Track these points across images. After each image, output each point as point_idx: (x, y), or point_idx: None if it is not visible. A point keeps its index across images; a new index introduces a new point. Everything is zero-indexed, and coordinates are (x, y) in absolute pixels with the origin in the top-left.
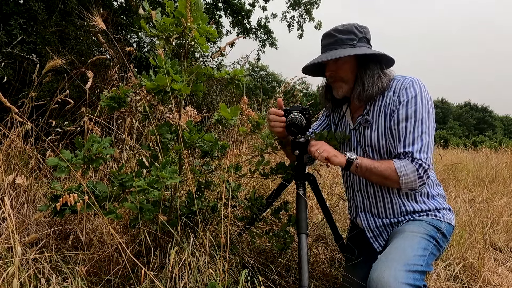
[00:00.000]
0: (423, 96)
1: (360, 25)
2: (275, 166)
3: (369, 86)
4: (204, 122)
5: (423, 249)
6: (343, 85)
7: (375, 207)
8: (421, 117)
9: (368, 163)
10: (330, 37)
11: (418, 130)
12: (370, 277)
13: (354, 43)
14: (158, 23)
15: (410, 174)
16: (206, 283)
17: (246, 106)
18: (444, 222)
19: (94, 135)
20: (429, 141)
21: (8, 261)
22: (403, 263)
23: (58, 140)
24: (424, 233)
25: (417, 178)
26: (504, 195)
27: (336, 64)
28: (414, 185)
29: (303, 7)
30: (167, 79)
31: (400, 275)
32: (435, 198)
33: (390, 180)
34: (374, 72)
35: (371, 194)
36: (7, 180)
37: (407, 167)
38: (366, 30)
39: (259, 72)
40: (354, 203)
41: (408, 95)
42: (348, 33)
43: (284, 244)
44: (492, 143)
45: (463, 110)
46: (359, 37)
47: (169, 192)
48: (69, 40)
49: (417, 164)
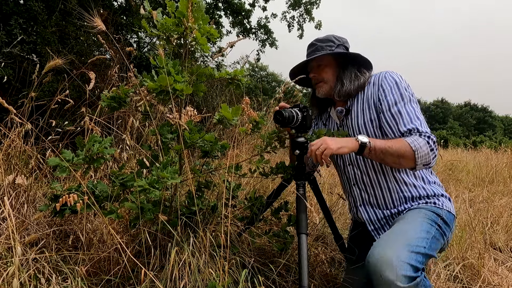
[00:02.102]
0: (403, 82)
1: (338, 35)
2: (275, 166)
3: (347, 83)
4: (204, 122)
5: (426, 231)
6: (324, 85)
7: (374, 197)
8: (408, 99)
9: (381, 144)
10: (312, 46)
11: (412, 109)
12: (371, 252)
13: (332, 49)
14: (159, 23)
15: (423, 147)
16: (206, 283)
17: (247, 107)
18: (443, 210)
19: (95, 135)
20: (423, 118)
21: (8, 261)
22: (405, 243)
23: (58, 140)
24: (425, 217)
25: (429, 150)
26: (504, 195)
27: (318, 68)
28: (428, 158)
29: (303, 7)
30: (169, 79)
31: (403, 254)
32: (431, 184)
33: (406, 158)
34: (352, 72)
35: (368, 184)
36: (7, 180)
37: (418, 141)
38: (344, 40)
39: (259, 72)
40: (352, 198)
41: (389, 82)
42: (327, 41)
43: (284, 244)
44: (492, 143)
45: (463, 110)
46: (337, 44)
47: (169, 192)
48: (69, 40)
49: (426, 137)
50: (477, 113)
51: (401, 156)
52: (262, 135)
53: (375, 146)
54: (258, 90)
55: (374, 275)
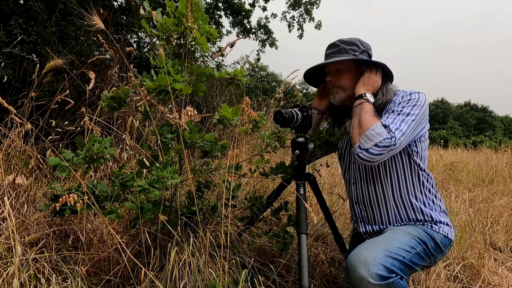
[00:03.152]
0: (420, 100)
1: (363, 40)
2: (275, 166)
3: (380, 97)
4: (204, 122)
5: (410, 246)
6: (341, 91)
7: (372, 217)
8: (406, 113)
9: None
10: (334, 46)
11: (400, 120)
12: (351, 252)
13: (356, 54)
14: (158, 23)
15: (375, 136)
16: (206, 283)
17: (248, 107)
18: (439, 234)
19: (95, 135)
20: (407, 129)
21: (8, 261)
22: (384, 248)
23: (58, 140)
24: (416, 236)
25: (375, 144)
26: (504, 195)
27: (337, 73)
28: (367, 145)
29: (303, 7)
30: (168, 79)
31: (378, 256)
32: (433, 209)
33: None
34: (385, 84)
35: (368, 205)
36: (7, 180)
37: (380, 128)
38: (369, 46)
39: (259, 72)
40: (354, 212)
41: (403, 98)
42: (352, 44)
43: (284, 244)
44: (492, 143)
45: (463, 110)
46: (361, 49)
47: (169, 192)
48: (69, 40)
49: (389, 135)
50: (477, 113)
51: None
52: (262, 134)
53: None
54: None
55: (350, 270)
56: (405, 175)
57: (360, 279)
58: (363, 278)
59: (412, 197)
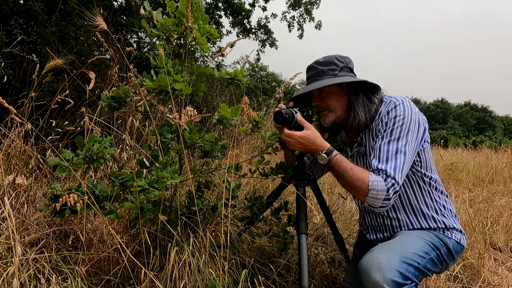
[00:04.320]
0: (405, 116)
1: (341, 55)
2: (275, 166)
3: (361, 114)
4: (204, 122)
5: (424, 252)
6: (329, 113)
7: (383, 226)
8: (396, 136)
9: (343, 165)
10: (312, 69)
11: (393, 148)
12: (365, 255)
13: (335, 73)
14: (159, 23)
15: (379, 192)
16: (206, 283)
17: (247, 107)
18: (452, 240)
19: (95, 135)
20: (404, 160)
21: (8, 261)
22: (399, 253)
23: (58, 140)
24: (429, 241)
25: (383, 199)
26: (504, 195)
27: (321, 95)
28: (377, 204)
29: (303, 7)
30: (168, 79)
31: (394, 261)
32: (445, 215)
33: (358, 191)
34: (363, 100)
35: (378, 215)
36: (7, 180)
37: (379, 184)
38: (348, 60)
39: (259, 72)
40: (363, 219)
41: (389, 115)
42: (329, 64)
43: (284, 244)
44: (492, 143)
45: (463, 110)
46: (340, 67)
47: (169, 192)
48: (69, 40)
49: (390, 183)
50: (477, 113)
51: (354, 187)
52: (262, 135)
53: (336, 161)
54: (258, 90)
55: (363, 274)
56: (412, 185)
57: (374, 284)
58: (377, 283)
59: (423, 205)
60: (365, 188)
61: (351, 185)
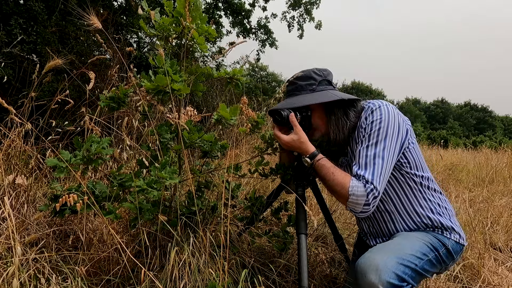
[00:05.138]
0: (382, 119)
1: (319, 68)
2: (274, 167)
3: (336, 132)
4: (204, 122)
5: (422, 253)
6: (315, 131)
7: (381, 232)
8: (374, 141)
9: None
10: (292, 84)
11: (371, 153)
12: (362, 256)
13: (313, 88)
14: (157, 23)
15: (359, 198)
16: (206, 283)
17: (245, 106)
18: (451, 240)
19: (94, 135)
20: (383, 165)
21: (8, 261)
22: (397, 255)
23: (58, 140)
24: (428, 241)
25: (363, 204)
26: (504, 195)
27: None
28: (358, 209)
29: (303, 7)
30: (166, 79)
31: (390, 262)
32: (441, 214)
33: (339, 195)
34: (338, 117)
35: (374, 221)
36: (7, 180)
37: (359, 189)
38: (326, 73)
39: (259, 72)
40: (361, 227)
41: (367, 121)
42: (307, 79)
43: (284, 244)
44: (492, 143)
45: (463, 110)
46: (318, 80)
47: (169, 192)
48: (69, 40)
49: (369, 189)
50: (477, 113)
51: (335, 191)
52: (262, 135)
53: (318, 166)
54: (258, 90)
55: (360, 275)
56: (403, 188)
57: (369, 285)
58: (373, 284)
59: (417, 206)
60: (345, 193)
61: (332, 189)
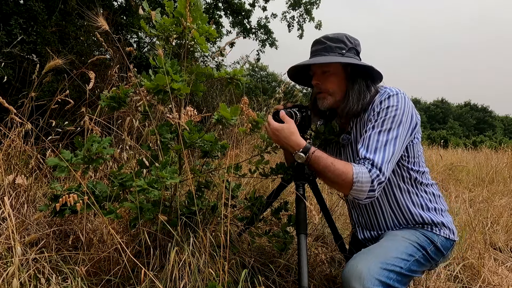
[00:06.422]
0: (399, 107)
1: (351, 36)
2: (275, 166)
3: (354, 102)
4: (204, 122)
5: (408, 254)
6: (328, 97)
7: (370, 223)
8: (387, 128)
9: (323, 160)
10: (320, 43)
11: (383, 139)
12: (346, 263)
13: (342, 52)
14: (157, 23)
15: (364, 184)
16: (206, 283)
17: (246, 106)
18: (440, 236)
19: (94, 135)
20: (393, 152)
21: (8, 261)
22: (381, 260)
23: (58, 140)
24: (415, 241)
25: (368, 190)
26: (504, 195)
27: (323, 75)
28: (362, 196)
29: (303, 7)
30: (166, 78)
31: (374, 269)
32: (431, 211)
33: (342, 185)
34: (360, 87)
35: (364, 211)
36: (7, 180)
37: (363, 175)
38: (357, 42)
39: (259, 72)
40: (351, 217)
41: (382, 105)
42: (338, 42)
43: (284, 244)
44: (492, 143)
45: (463, 110)
46: (348, 47)
47: (169, 192)
48: (69, 40)
49: (374, 174)
50: (477, 113)
51: (337, 182)
52: (262, 135)
53: (315, 158)
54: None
55: (344, 283)
56: (397, 179)
57: None
58: None
59: (409, 202)
60: (349, 181)
61: (334, 181)
